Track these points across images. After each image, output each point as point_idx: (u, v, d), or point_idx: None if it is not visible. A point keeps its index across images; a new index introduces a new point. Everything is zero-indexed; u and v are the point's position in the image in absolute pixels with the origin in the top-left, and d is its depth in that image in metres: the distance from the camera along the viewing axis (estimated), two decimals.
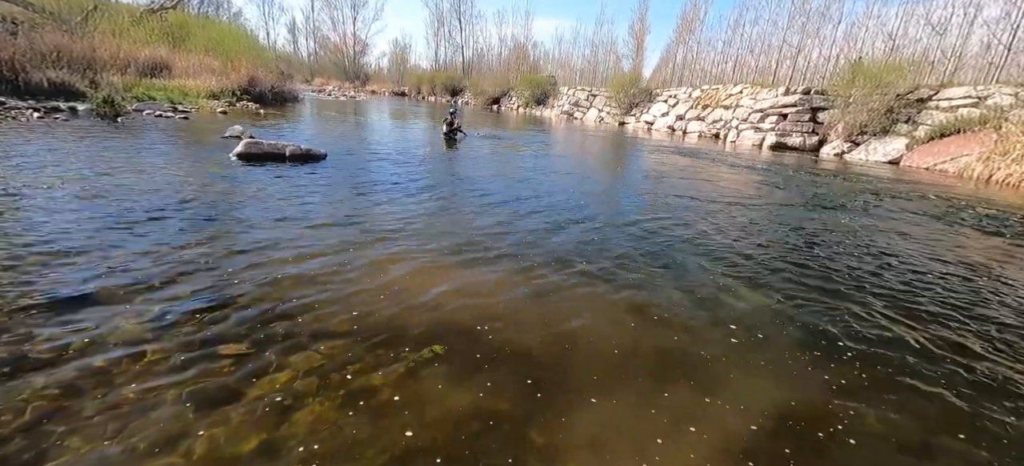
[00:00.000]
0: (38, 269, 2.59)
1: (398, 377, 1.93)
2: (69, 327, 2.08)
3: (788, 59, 19.73)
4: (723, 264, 3.61)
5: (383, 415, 1.71)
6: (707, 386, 2.04)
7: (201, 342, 2.06)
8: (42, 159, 5.22)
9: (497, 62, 39.42)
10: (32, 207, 3.60)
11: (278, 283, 2.68)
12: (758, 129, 15.38)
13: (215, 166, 5.75)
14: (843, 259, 3.94)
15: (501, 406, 1.81)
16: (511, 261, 3.35)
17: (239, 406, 1.69)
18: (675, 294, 3.00)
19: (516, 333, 2.36)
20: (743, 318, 2.71)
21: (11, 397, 1.65)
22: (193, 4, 24.00)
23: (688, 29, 24.73)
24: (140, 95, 11.87)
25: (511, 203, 5.15)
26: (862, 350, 2.44)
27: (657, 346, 2.37)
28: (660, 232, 4.40)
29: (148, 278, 2.60)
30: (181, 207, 3.95)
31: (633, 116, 22.47)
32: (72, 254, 2.82)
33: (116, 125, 8.43)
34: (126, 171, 5.04)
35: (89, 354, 1.92)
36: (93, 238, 3.10)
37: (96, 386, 1.74)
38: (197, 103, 13.08)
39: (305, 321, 2.30)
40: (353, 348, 2.11)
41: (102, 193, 4.14)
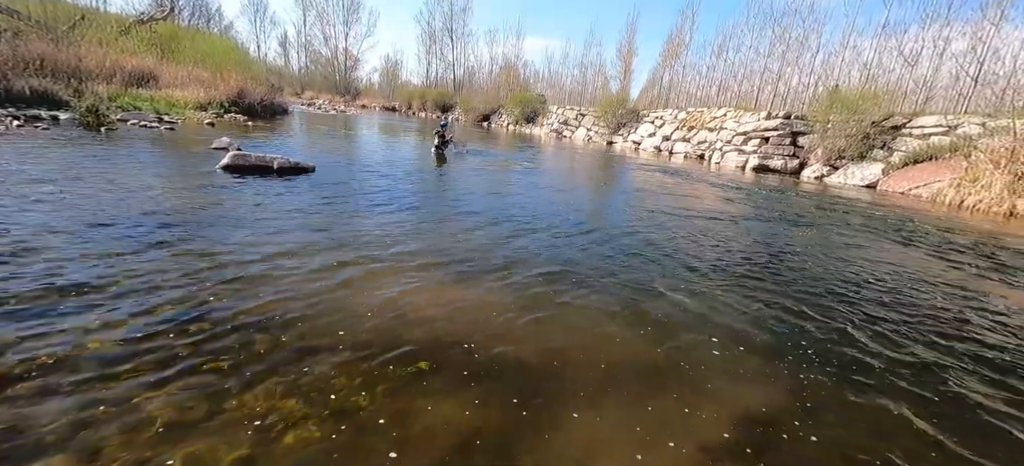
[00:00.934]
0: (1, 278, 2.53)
1: (383, 394, 1.92)
2: (36, 340, 2.03)
3: (769, 85, 20.39)
4: (707, 279, 3.68)
5: (367, 433, 1.70)
6: (692, 397, 2.07)
7: (176, 358, 2.02)
8: (14, 167, 5.11)
9: (488, 80, 39.93)
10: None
11: (260, 298, 2.65)
12: (741, 151, 15.78)
13: (199, 178, 5.69)
14: (822, 279, 4.04)
15: (487, 423, 1.81)
16: (498, 277, 3.37)
17: (216, 425, 1.67)
18: (661, 308, 3.05)
19: (503, 349, 2.37)
20: (724, 330, 2.76)
21: None
22: (184, 16, 23.96)
23: (674, 53, 25.43)
24: (125, 105, 11.73)
25: (499, 219, 5.18)
26: (832, 359, 2.50)
27: (643, 359, 2.40)
28: (647, 248, 4.47)
29: (119, 292, 2.56)
30: (160, 218, 3.89)
31: (620, 136, 22.88)
32: (35, 264, 2.76)
33: (99, 134, 8.30)
34: (102, 180, 4.96)
35: (56, 370, 1.87)
36: (61, 249, 3.04)
37: (64, 402, 1.70)
38: (184, 114, 12.96)
39: (288, 338, 2.28)
40: (337, 365, 2.09)
41: (74, 203, 4.07)
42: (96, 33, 14.57)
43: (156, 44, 16.39)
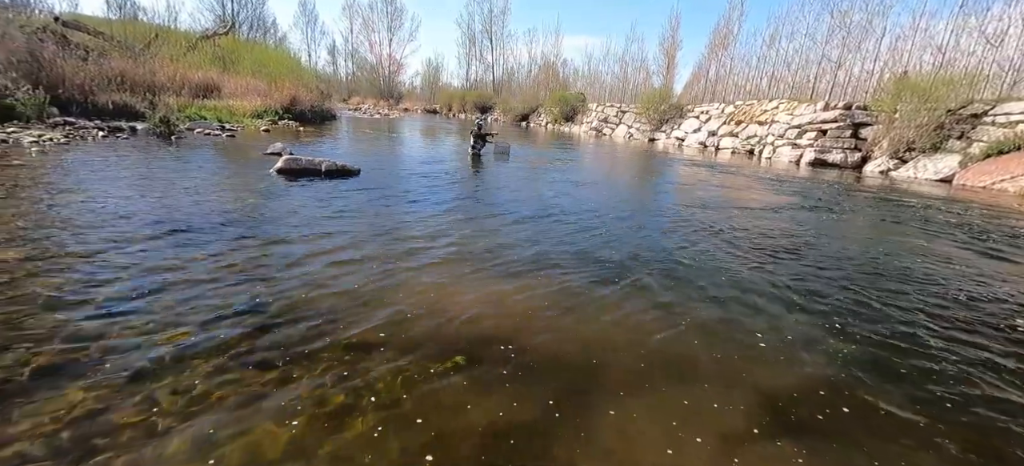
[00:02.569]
0: (86, 274, 2.81)
1: (422, 388, 1.97)
2: (116, 330, 2.24)
3: (827, 74, 19.07)
4: (757, 278, 3.49)
5: (407, 426, 1.75)
6: (730, 396, 1.98)
7: (237, 350, 2.17)
8: (101, 173, 5.67)
9: (527, 80, 39.98)
10: (85, 216, 3.91)
11: (310, 294, 2.80)
12: (795, 145, 14.87)
13: (257, 181, 6.08)
14: (883, 280, 3.73)
15: (523, 418, 1.82)
16: (535, 274, 3.36)
17: (271, 414, 1.77)
18: (706, 308, 2.93)
19: (539, 344, 2.36)
20: (772, 334, 2.61)
21: (56, 400, 1.79)
22: (243, 30, 25.69)
23: (721, 45, 24.35)
24: (192, 115, 12.73)
25: (536, 217, 5.17)
26: (896, 372, 2.30)
27: (681, 356, 2.32)
28: (689, 246, 4.31)
29: (189, 286, 2.77)
30: (223, 219, 4.19)
31: (663, 132, 22.19)
32: (116, 261, 3.05)
33: (170, 143, 9.06)
34: (174, 185, 5.41)
35: (134, 357, 2.06)
36: (138, 247, 3.34)
37: (137, 390, 1.86)
38: (243, 122, 13.88)
39: (334, 331, 2.38)
40: (379, 359, 2.17)
41: (150, 205, 4.46)
42: (167, 50, 15.91)
43: (219, 57, 17.68)
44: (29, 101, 8.93)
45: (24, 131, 8.06)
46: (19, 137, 7.52)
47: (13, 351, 2.01)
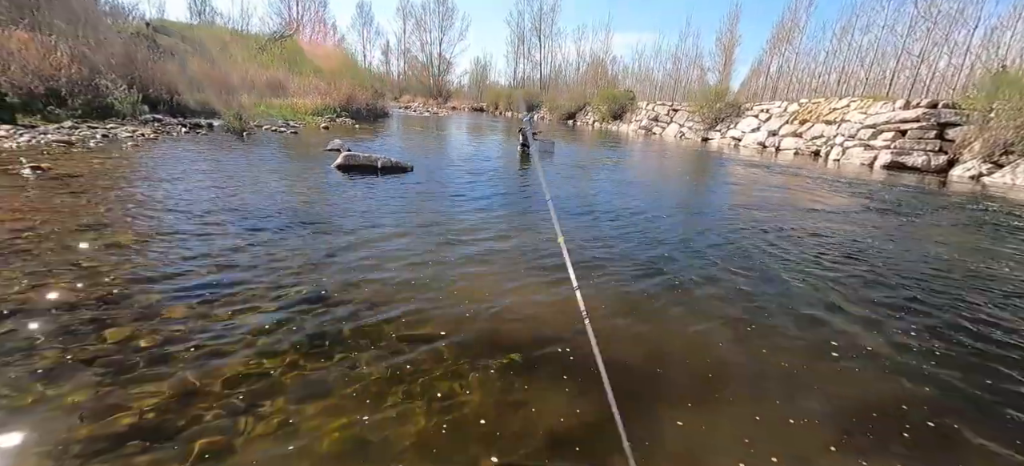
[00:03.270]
0: (177, 258, 3.09)
1: (479, 388, 2.00)
2: (198, 315, 2.45)
3: (908, 69, 17.43)
4: (828, 287, 3.25)
5: (464, 424, 1.78)
6: (800, 410, 1.85)
7: (301, 334, 2.30)
8: (186, 166, 6.21)
9: (574, 77, 39.53)
10: (174, 205, 4.29)
11: (368, 286, 2.92)
12: (868, 147, 13.71)
13: (319, 176, 6.43)
14: (977, 297, 3.35)
15: (584, 423, 1.80)
16: (590, 275, 3.32)
17: (334, 398, 1.86)
18: (774, 316, 2.77)
19: (600, 348, 2.32)
20: (849, 345, 2.42)
21: (153, 380, 1.98)
22: (305, 31, 27.24)
23: (785, 39, 22.89)
24: (261, 112, 13.66)
25: (588, 217, 5.11)
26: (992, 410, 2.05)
27: (754, 369, 2.20)
28: (753, 251, 4.08)
29: (260, 274, 2.97)
30: (291, 212, 4.47)
31: (718, 132, 21.19)
32: (201, 249, 3.32)
33: (242, 138, 9.77)
34: (248, 179, 5.82)
35: (217, 340, 2.23)
36: (217, 236, 3.62)
37: (219, 370, 2.02)
38: (304, 119, 14.72)
39: (392, 323, 2.47)
40: (436, 355, 2.22)
41: (228, 196, 4.82)
42: (241, 52, 17.14)
43: (285, 58, 18.83)
44: (125, 100, 9.93)
45: (120, 127, 8.98)
46: (117, 132, 8.39)
47: (120, 329, 2.24)
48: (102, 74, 10.04)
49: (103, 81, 9.89)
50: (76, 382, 1.82)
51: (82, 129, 8.23)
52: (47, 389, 1.77)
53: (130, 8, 16.50)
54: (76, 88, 9.39)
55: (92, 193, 4.46)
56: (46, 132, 7.52)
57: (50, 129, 7.83)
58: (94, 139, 7.61)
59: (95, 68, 10.06)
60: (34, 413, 1.65)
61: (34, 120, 8.29)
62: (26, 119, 8.21)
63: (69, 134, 7.60)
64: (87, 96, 9.52)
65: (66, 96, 9.24)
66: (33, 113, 8.51)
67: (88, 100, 9.51)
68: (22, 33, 9.42)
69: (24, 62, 8.77)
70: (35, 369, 1.87)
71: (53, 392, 1.76)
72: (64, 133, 7.63)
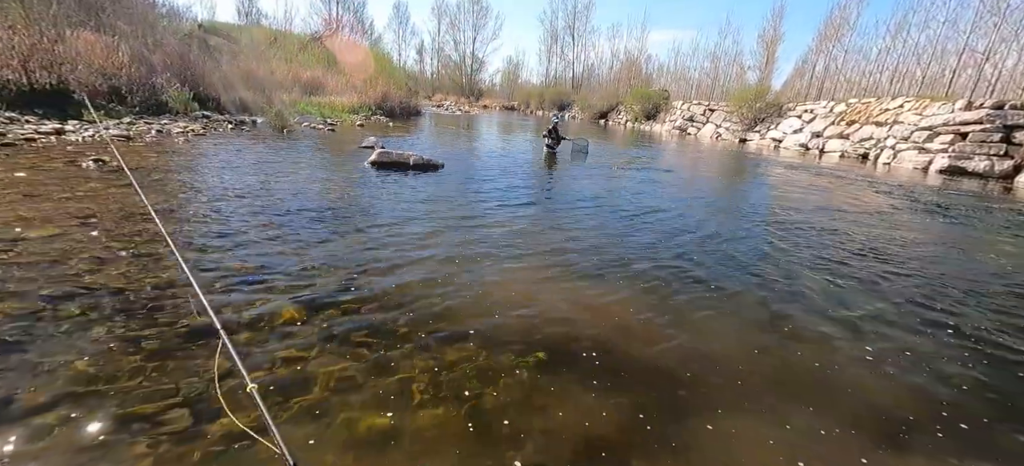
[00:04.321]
0: (215, 246, 3.25)
1: (507, 388, 2.00)
2: (237, 302, 2.57)
3: (970, 67, 16.20)
4: (871, 293, 3.07)
5: (491, 425, 1.79)
6: (835, 420, 1.76)
7: (335, 329, 2.37)
8: (232, 160, 6.53)
9: (607, 76, 38.98)
10: (221, 196, 4.52)
11: (400, 282, 2.98)
12: (923, 150, 12.86)
13: (354, 172, 6.62)
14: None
15: (609, 430, 1.78)
16: (619, 278, 3.27)
17: (366, 392, 1.91)
18: (810, 322, 2.65)
19: (626, 352, 2.29)
20: (888, 350, 2.28)
21: (194, 362, 2.09)
22: (345, 32, 28.07)
23: (833, 35, 21.76)
24: (301, 110, 14.19)
25: (618, 219, 5.03)
26: None
27: (789, 375, 2.11)
28: (793, 260, 3.91)
29: (297, 267, 3.09)
30: (327, 208, 4.62)
31: (757, 133, 20.38)
32: (245, 240, 3.48)
33: (283, 135, 10.18)
34: (287, 173, 6.07)
35: (255, 328, 2.34)
36: (257, 227, 3.79)
37: (255, 357, 2.12)
38: (341, 117, 15.18)
39: (423, 321, 2.51)
40: (466, 354, 2.25)
41: (271, 189, 5.03)
42: (283, 51, 17.86)
43: (324, 57, 19.48)
44: (178, 97, 10.54)
45: (173, 123, 9.54)
46: (170, 128, 8.92)
47: (168, 314, 2.39)
48: (158, 73, 10.69)
49: (159, 80, 10.53)
50: (126, 361, 1.95)
51: (139, 125, 8.80)
52: (107, 365, 1.91)
53: (185, 9, 17.52)
54: (135, 86, 10.04)
55: (147, 185, 4.76)
56: (107, 127, 8.08)
57: (111, 125, 8.41)
58: (149, 134, 8.12)
59: (152, 67, 10.73)
60: (93, 388, 1.78)
61: (97, 116, 8.92)
62: (90, 115, 8.86)
63: (127, 129, 8.15)
64: (144, 94, 10.17)
65: (126, 94, 9.89)
66: (97, 110, 9.16)
67: (145, 98, 10.15)
68: (88, 34, 10.15)
69: (90, 62, 9.45)
70: (95, 347, 2.02)
71: (107, 370, 1.89)
72: (123, 128, 8.18)
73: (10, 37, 8.36)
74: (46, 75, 8.65)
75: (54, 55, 8.85)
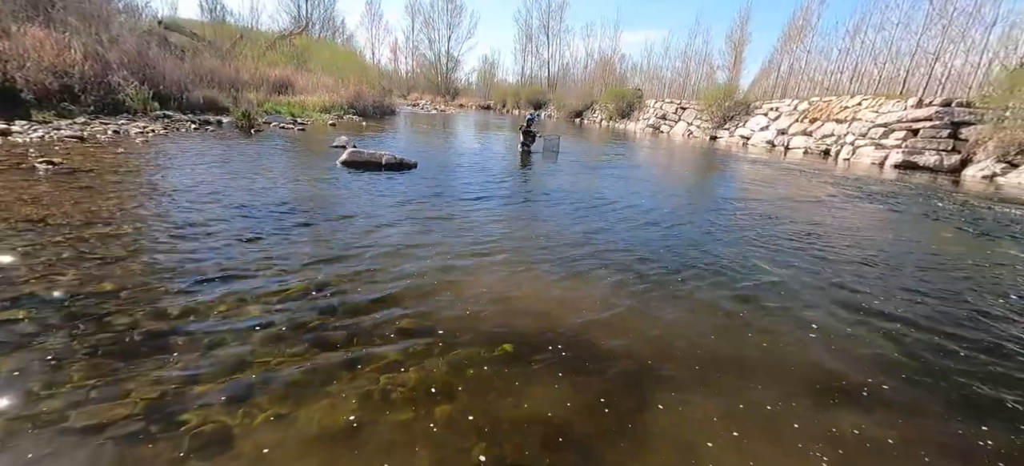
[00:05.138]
0: (179, 250, 3.14)
1: (474, 380, 2.01)
2: (201, 302, 2.49)
3: (922, 67, 17.09)
4: (822, 282, 3.22)
5: (458, 419, 1.80)
6: (788, 401, 1.85)
7: (304, 327, 2.33)
8: (194, 161, 6.30)
9: (582, 75, 39.35)
10: (183, 197, 4.36)
11: (369, 281, 2.95)
12: (879, 146, 13.51)
13: (324, 172, 6.49)
14: (984, 303, 3.30)
15: (570, 412, 1.81)
16: (587, 271, 3.32)
17: (333, 390, 1.89)
18: (760, 303, 2.76)
19: (592, 342, 2.34)
20: (838, 347, 2.40)
21: (154, 367, 2.03)
22: (315, 29, 27.42)
23: (796, 36, 22.56)
24: (269, 109, 13.79)
25: (588, 215, 5.10)
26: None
27: (739, 360, 2.20)
28: (751, 250, 4.06)
29: (265, 267, 3.02)
30: (295, 205, 4.52)
31: (726, 130, 20.99)
32: (206, 243, 3.38)
33: (250, 135, 9.88)
34: (254, 173, 5.90)
35: (216, 332, 2.28)
36: (220, 229, 3.67)
37: (219, 359, 2.06)
38: (312, 116, 14.83)
39: (392, 318, 2.50)
40: (435, 349, 2.24)
41: (233, 190, 4.89)
42: (250, 49, 17.31)
43: (294, 56, 18.98)
44: (137, 96, 10.09)
45: (131, 123, 9.13)
46: (128, 128, 8.53)
47: (122, 319, 2.30)
48: (114, 71, 10.20)
49: (115, 78, 10.05)
50: (81, 366, 1.87)
51: (94, 125, 8.39)
52: (55, 373, 1.82)
53: (143, 5, 16.74)
54: (89, 85, 9.56)
55: (101, 187, 4.55)
56: (59, 128, 7.67)
57: (63, 125, 7.99)
58: (105, 135, 7.75)
59: (108, 65, 10.23)
60: (41, 395, 1.70)
61: (48, 116, 8.45)
62: (40, 115, 8.38)
63: (81, 130, 7.75)
64: (99, 93, 9.69)
65: (79, 93, 9.41)
66: (47, 109, 8.68)
67: (100, 96, 9.68)
68: (37, 30, 9.60)
69: (39, 59, 8.94)
70: (45, 353, 1.93)
71: (60, 376, 1.81)
72: (76, 129, 7.78)
73: None
74: None
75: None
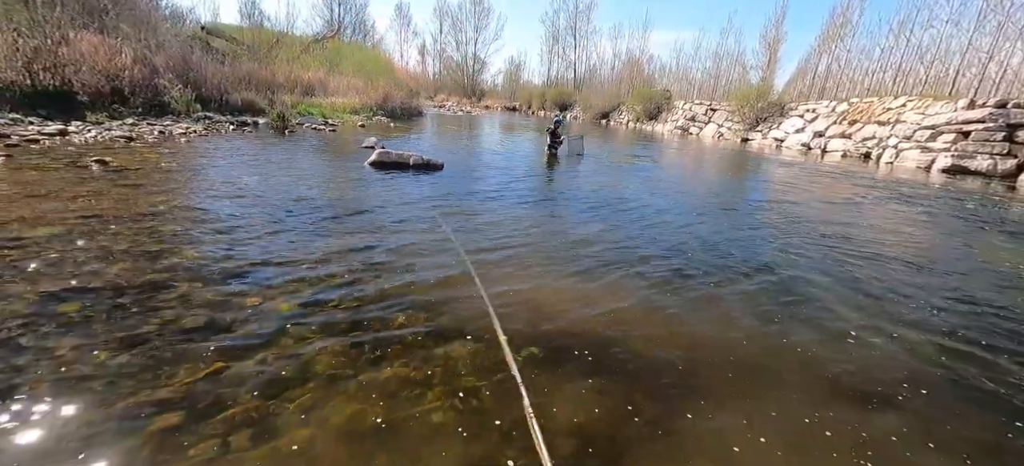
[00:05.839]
0: (219, 244, 3.28)
1: (499, 384, 2.02)
2: (235, 298, 2.59)
3: (974, 66, 16.11)
4: (863, 287, 3.07)
5: (486, 421, 1.81)
6: (821, 412, 1.77)
7: (334, 325, 2.39)
8: (233, 161, 6.57)
9: (609, 76, 38.93)
10: (223, 195, 4.55)
11: (398, 280, 3.00)
12: (925, 149, 12.81)
13: (354, 172, 6.65)
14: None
15: (599, 418, 1.79)
16: (615, 275, 3.28)
17: (362, 387, 1.93)
18: (796, 310, 2.65)
19: (618, 346, 2.30)
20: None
21: (193, 358, 2.12)
22: (347, 33, 28.16)
23: (835, 35, 21.68)
24: (302, 111, 14.24)
25: (614, 217, 5.03)
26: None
27: (775, 365, 2.12)
28: (785, 256, 3.91)
29: (297, 265, 3.12)
30: (326, 207, 4.65)
31: (759, 132, 20.34)
32: (243, 239, 3.51)
33: (284, 135, 10.23)
34: (288, 174, 6.10)
35: (252, 324, 2.36)
36: (256, 226, 3.81)
37: (254, 352, 2.14)
38: (342, 117, 15.23)
39: (419, 318, 2.53)
40: (461, 350, 2.26)
41: (269, 189, 5.07)
42: (285, 52, 17.92)
43: (326, 59, 19.55)
44: (180, 99, 10.60)
45: (175, 124, 9.60)
46: (172, 129, 8.98)
47: (166, 312, 2.41)
48: (160, 74, 10.76)
49: (161, 81, 10.60)
50: (130, 351, 1.98)
51: (141, 126, 8.86)
52: (105, 360, 1.93)
53: (187, 12, 17.61)
54: (137, 88, 10.11)
55: (148, 184, 4.80)
56: (110, 129, 8.14)
57: (114, 126, 8.48)
58: (152, 135, 8.17)
59: (155, 69, 10.80)
60: (89, 383, 1.81)
61: (100, 117, 8.99)
62: (94, 117, 8.92)
63: (130, 130, 8.21)
64: (147, 95, 10.24)
65: (128, 95, 9.96)
66: (100, 111, 9.23)
67: (148, 99, 10.22)
68: (92, 36, 10.23)
69: (94, 64, 9.52)
70: (94, 343, 2.05)
71: (110, 364, 1.91)
72: (126, 129, 8.24)
73: (15, 40, 8.44)
74: (50, 77, 8.73)
75: (58, 57, 8.92)
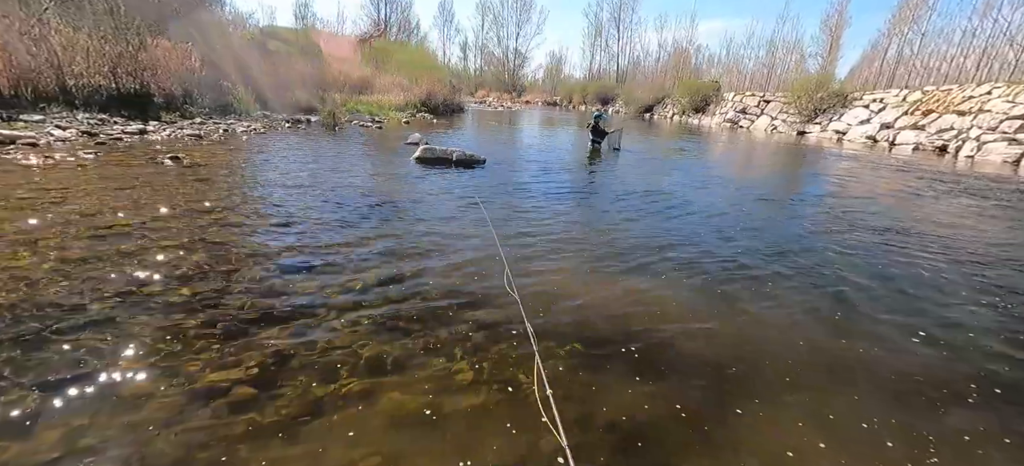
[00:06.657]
0: (277, 235, 3.49)
1: (546, 375, 2.03)
2: (293, 290, 2.75)
3: None
4: (931, 300, 2.81)
5: (528, 410, 1.83)
6: (884, 421, 1.64)
7: (383, 314, 2.49)
8: (289, 156, 6.95)
9: (654, 68, 37.78)
10: (280, 186, 4.83)
11: (442, 272, 3.07)
12: (1014, 142, 11.52)
13: (400, 167, 6.87)
14: None
15: (645, 416, 1.76)
16: (662, 274, 3.20)
17: (409, 374, 2.00)
18: (858, 313, 2.47)
19: (667, 341, 2.25)
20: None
21: (256, 345, 2.27)
22: (392, 31, 29.00)
23: (908, 18, 19.92)
24: (351, 109, 14.83)
25: (662, 214, 4.90)
26: None
27: (838, 367, 1.99)
28: (857, 247, 3.65)
29: (347, 255, 3.26)
30: (375, 201, 4.83)
31: (817, 124, 19.04)
32: (301, 231, 3.71)
33: (334, 132, 10.70)
34: (339, 169, 6.39)
35: (307, 316, 2.50)
36: (314, 218, 4.02)
37: (311, 340, 2.27)
38: (388, 114, 15.72)
39: (464, 309, 2.58)
40: (504, 339, 2.29)
41: (322, 183, 5.33)
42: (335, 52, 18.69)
43: (372, 58, 20.23)
44: (242, 99, 11.34)
45: (238, 122, 10.28)
46: (235, 126, 9.62)
47: (235, 297, 2.60)
48: (225, 76, 11.55)
49: (226, 83, 11.37)
50: (198, 340, 2.15)
51: (208, 124, 9.56)
52: (180, 341, 2.12)
53: (247, 15, 18.77)
54: (205, 89, 10.91)
55: (215, 179, 5.18)
56: (182, 127, 8.84)
57: (185, 125, 9.19)
58: (217, 133, 8.80)
59: (220, 71, 11.60)
60: (164, 364, 1.99)
61: (173, 117, 9.78)
62: (168, 116, 9.72)
63: (198, 129, 8.87)
64: (213, 95, 11.02)
65: (197, 96, 10.77)
66: (172, 111, 10.04)
67: (214, 99, 11.01)
68: (165, 42, 11.12)
69: (167, 67, 10.36)
70: (173, 325, 2.25)
71: (181, 348, 2.10)
72: (194, 128, 8.92)
73: (102, 46, 9.32)
74: (131, 80, 9.58)
75: (138, 62, 9.78)
